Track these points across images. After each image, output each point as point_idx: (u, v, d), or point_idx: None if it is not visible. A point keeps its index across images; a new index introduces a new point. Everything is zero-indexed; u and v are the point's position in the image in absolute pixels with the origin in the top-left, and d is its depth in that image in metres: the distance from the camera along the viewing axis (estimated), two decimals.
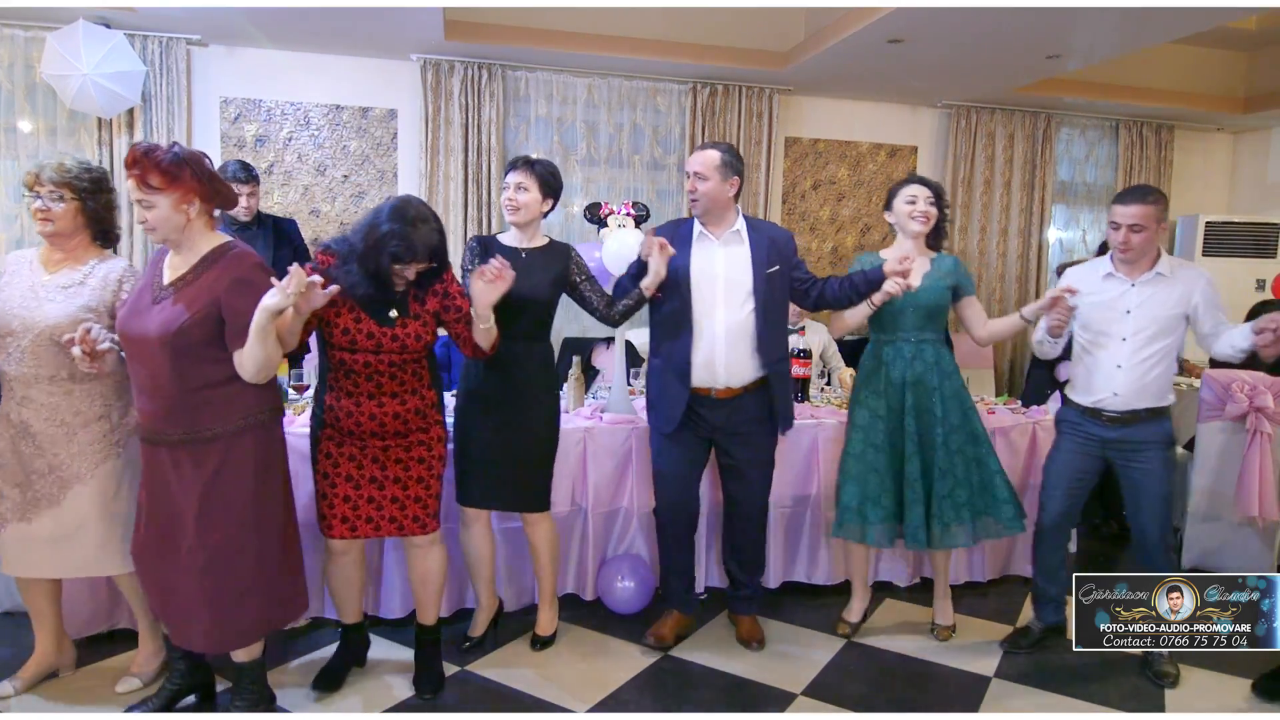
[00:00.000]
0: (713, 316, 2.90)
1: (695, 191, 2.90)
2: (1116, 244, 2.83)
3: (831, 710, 2.75)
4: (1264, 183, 6.83)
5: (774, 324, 2.95)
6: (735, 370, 2.91)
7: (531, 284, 2.82)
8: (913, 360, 3.04)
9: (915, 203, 3.05)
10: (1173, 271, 2.86)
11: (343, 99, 5.44)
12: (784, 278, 2.96)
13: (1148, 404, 2.88)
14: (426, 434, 2.67)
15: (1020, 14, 4.11)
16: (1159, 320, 2.84)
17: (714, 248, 2.94)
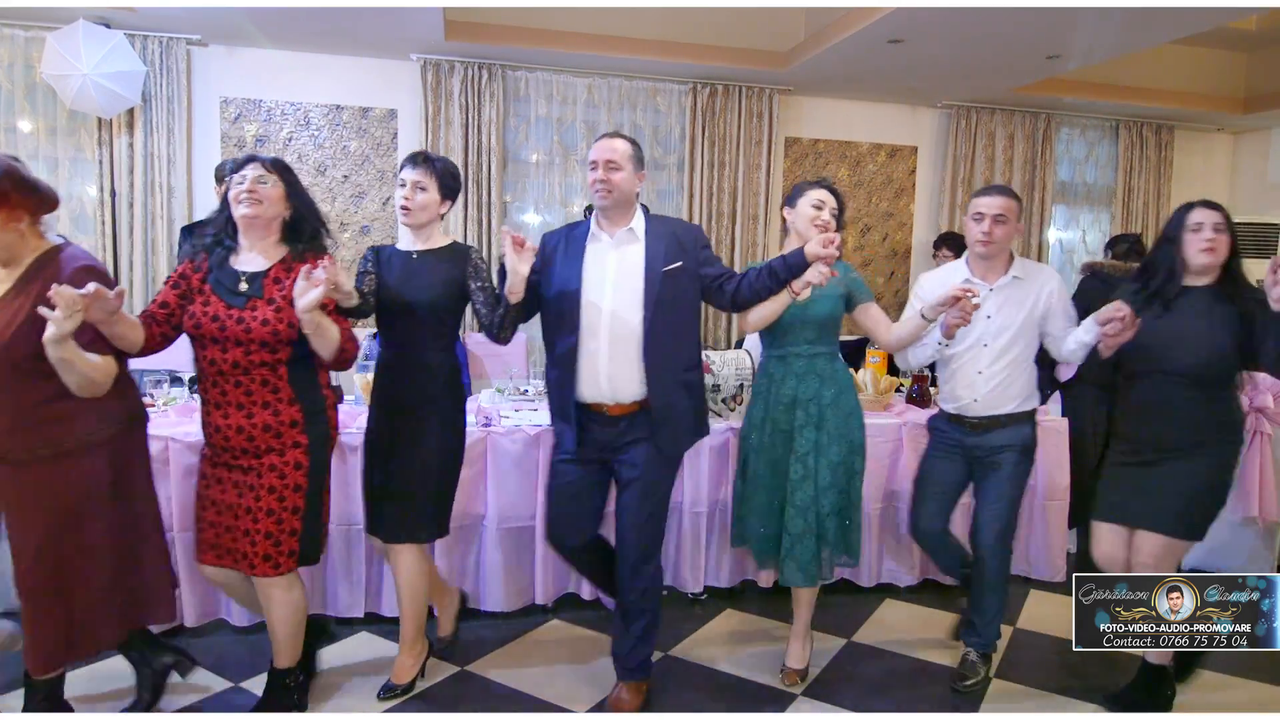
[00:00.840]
0: (597, 325, 2.56)
1: (608, 182, 2.57)
2: (979, 236, 2.76)
3: (831, 710, 2.75)
4: (1264, 183, 6.83)
5: (670, 330, 2.59)
6: (623, 384, 2.56)
7: (418, 288, 2.58)
8: (805, 376, 2.80)
9: (821, 209, 2.80)
10: (1026, 274, 2.82)
11: (343, 99, 5.44)
12: (690, 276, 2.62)
13: (1009, 409, 2.82)
14: (281, 457, 2.36)
15: (1020, 14, 4.11)
16: (1016, 324, 2.79)
17: (606, 249, 2.62)
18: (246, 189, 2.33)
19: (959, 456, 2.92)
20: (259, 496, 2.35)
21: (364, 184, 5.54)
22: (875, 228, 6.42)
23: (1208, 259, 2.55)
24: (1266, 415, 3.73)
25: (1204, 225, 2.54)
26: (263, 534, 2.35)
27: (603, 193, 2.58)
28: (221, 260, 2.39)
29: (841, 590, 3.62)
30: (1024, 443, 2.86)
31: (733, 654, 3.09)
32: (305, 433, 2.39)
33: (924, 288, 2.95)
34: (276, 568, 2.37)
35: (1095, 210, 6.82)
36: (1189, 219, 2.58)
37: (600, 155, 2.59)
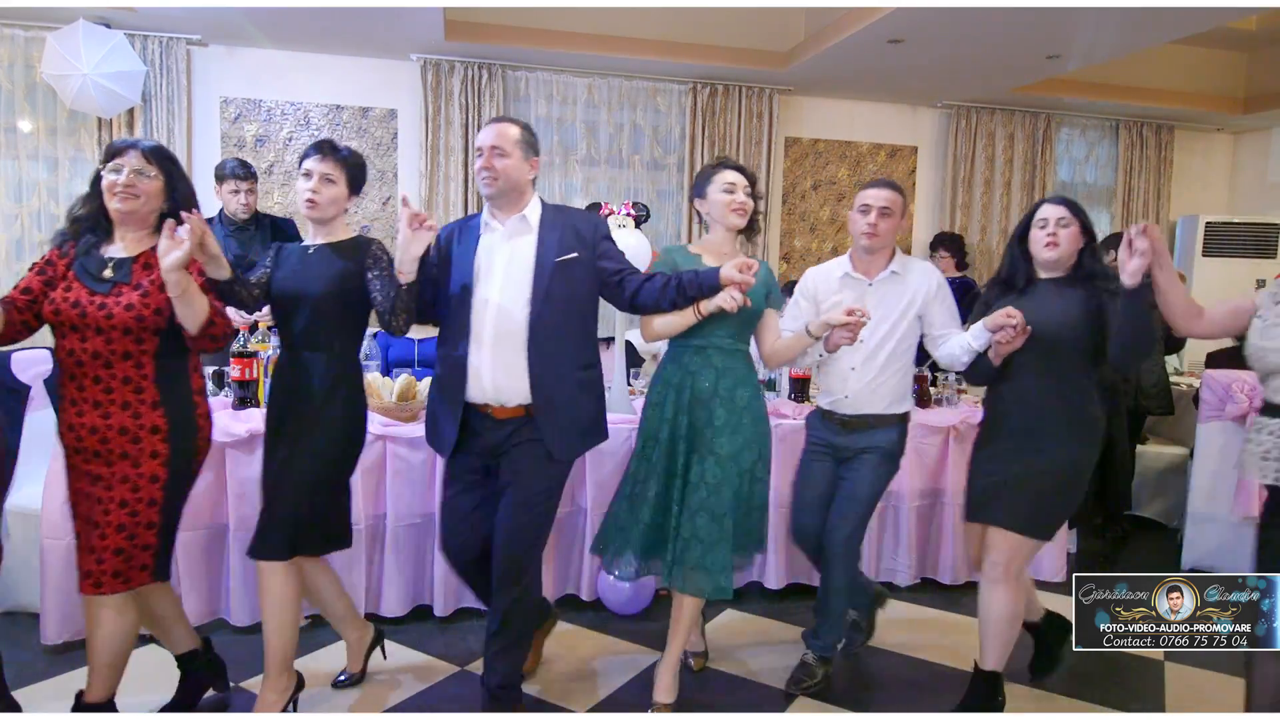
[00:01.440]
0: (484, 319, 2.41)
1: (492, 169, 2.40)
2: (864, 228, 2.71)
3: (831, 710, 2.75)
4: (1264, 183, 6.83)
5: (559, 325, 2.43)
6: (507, 385, 2.41)
7: (306, 281, 2.40)
8: (724, 372, 2.62)
9: (734, 191, 2.66)
10: (905, 270, 2.77)
11: (343, 99, 5.44)
12: (586, 268, 2.47)
13: (877, 409, 2.75)
14: (136, 468, 2.15)
15: (1020, 14, 4.11)
16: (893, 321, 2.74)
17: (497, 239, 2.48)
18: (124, 183, 2.17)
19: (829, 456, 2.83)
20: (108, 510, 2.13)
21: None
22: None
23: (1051, 253, 2.52)
24: None
25: (1048, 220, 2.52)
26: (112, 550, 2.13)
27: (488, 180, 2.43)
28: (89, 247, 2.22)
29: None
30: (888, 446, 2.78)
31: (733, 654, 3.09)
32: (166, 441, 2.18)
33: (809, 283, 2.87)
34: (127, 583, 2.17)
35: (1095, 210, 6.81)
36: (1035, 215, 2.58)
37: (486, 141, 2.42)
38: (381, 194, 5.57)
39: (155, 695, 2.64)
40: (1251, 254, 6.42)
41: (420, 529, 3.19)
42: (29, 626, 2.94)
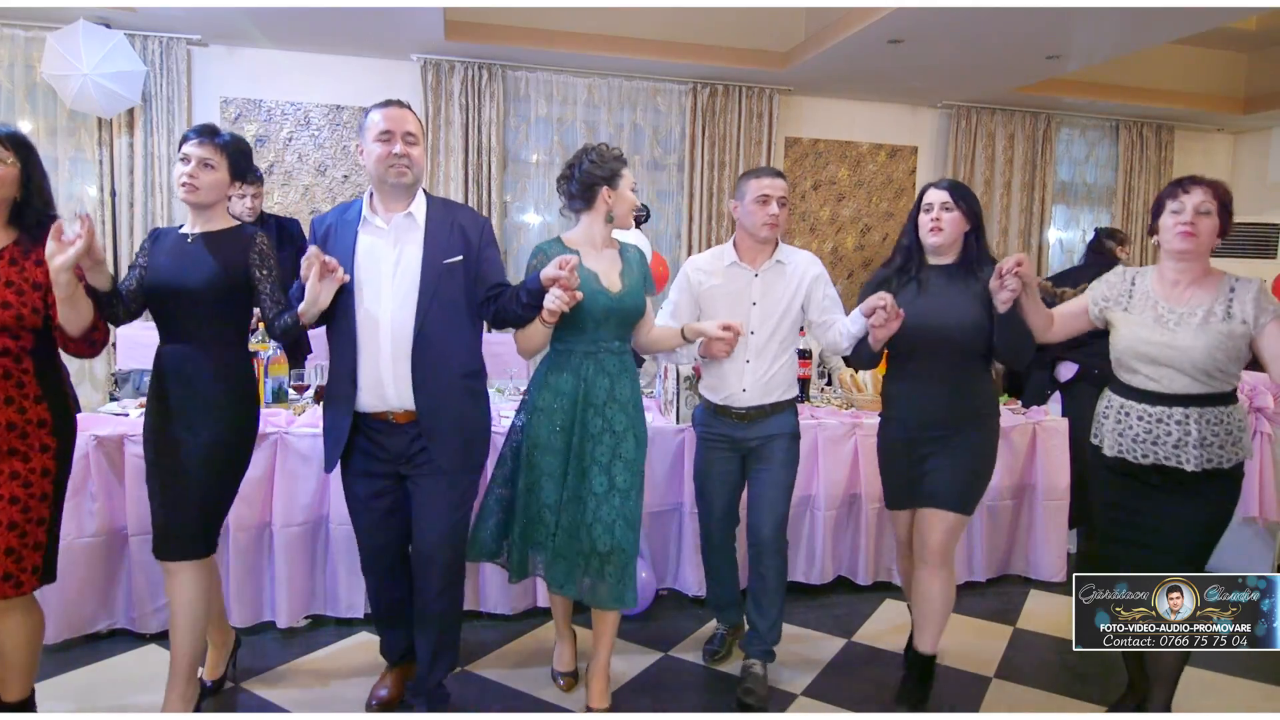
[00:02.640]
0: (376, 321, 2.33)
1: (407, 158, 2.30)
2: (763, 220, 2.69)
3: (831, 710, 2.75)
4: (1264, 183, 6.83)
5: (445, 329, 2.35)
6: (405, 389, 2.34)
7: (186, 272, 2.29)
8: (619, 376, 2.55)
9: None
10: (789, 259, 2.78)
11: (343, 99, 5.44)
12: (470, 273, 2.39)
13: (775, 398, 2.76)
14: (26, 462, 2.10)
15: (1020, 14, 4.11)
16: (779, 310, 2.74)
17: (382, 239, 2.36)
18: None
19: (731, 450, 2.81)
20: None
21: (364, 184, 5.52)
22: (875, 228, 6.42)
23: (936, 238, 2.59)
24: (1266, 415, 3.73)
25: (933, 205, 2.59)
26: (2, 550, 2.05)
27: (403, 169, 2.31)
28: None
29: (841, 590, 3.62)
30: (792, 430, 2.80)
31: (732, 654, 3.09)
32: (54, 434, 2.16)
33: (690, 275, 2.82)
34: (18, 586, 2.09)
35: (1095, 210, 6.82)
36: (922, 200, 2.64)
37: (398, 126, 2.30)
38: None
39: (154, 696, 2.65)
40: (1251, 254, 6.42)
41: None
42: None
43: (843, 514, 3.61)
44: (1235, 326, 2.27)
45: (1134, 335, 2.35)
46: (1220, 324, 2.27)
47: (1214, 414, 2.31)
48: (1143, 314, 2.36)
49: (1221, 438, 2.32)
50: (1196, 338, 2.27)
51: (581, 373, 2.52)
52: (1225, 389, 2.33)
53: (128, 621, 3.00)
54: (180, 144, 2.36)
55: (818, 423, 3.54)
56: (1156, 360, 2.32)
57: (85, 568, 2.91)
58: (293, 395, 3.35)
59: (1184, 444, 2.31)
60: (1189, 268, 2.34)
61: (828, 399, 3.91)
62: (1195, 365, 2.28)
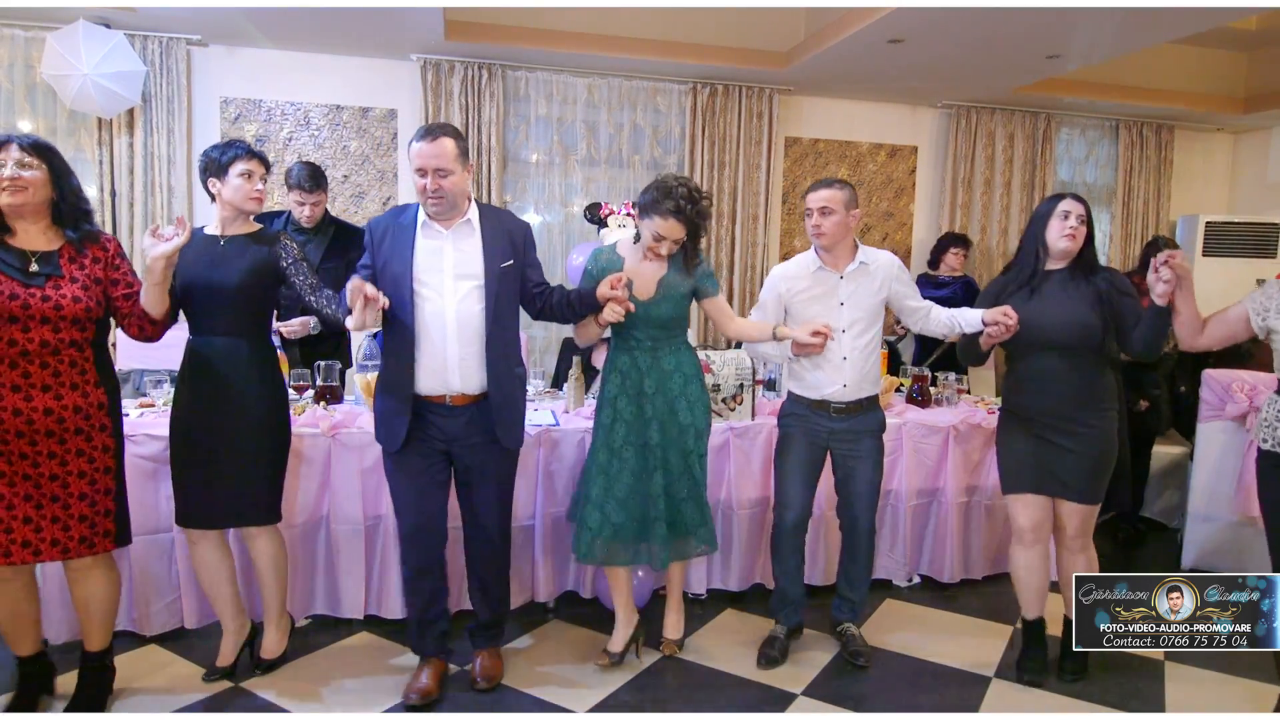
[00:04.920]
0: (442, 315, 2.58)
1: (440, 190, 2.51)
2: (810, 229, 2.90)
3: (831, 710, 2.75)
4: (1264, 183, 6.83)
5: (505, 325, 2.66)
6: (469, 375, 2.61)
7: (223, 273, 2.59)
8: (649, 370, 2.83)
9: (661, 244, 2.79)
10: (871, 259, 2.96)
11: (343, 99, 5.44)
12: (518, 274, 2.68)
13: (868, 392, 2.97)
14: (89, 441, 2.38)
15: (1020, 14, 4.11)
16: (867, 308, 2.94)
17: (443, 243, 2.60)
18: (8, 176, 2.28)
19: (817, 445, 2.99)
20: (65, 483, 2.35)
21: (364, 184, 5.53)
22: (875, 227, 6.42)
23: (1071, 244, 2.76)
24: None
25: (1070, 214, 2.76)
26: (77, 517, 2.37)
27: (435, 203, 2.55)
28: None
29: None
30: (881, 424, 3.04)
31: (733, 654, 3.09)
32: (110, 415, 2.44)
33: (777, 283, 3.02)
34: (92, 547, 2.41)
35: (1095, 210, 6.78)
36: (1056, 206, 2.79)
37: (430, 163, 2.50)
38: (382, 194, 5.56)
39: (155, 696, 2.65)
40: (1251, 254, 6.42)
41: None
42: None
43: None
44: None
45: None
46: None
47: None
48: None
49: None
50: None
51: (623, 368, 2.85)
52: None
53: (129, 622, 3.00)
54: (232, 159, 2.62)
55: None
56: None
57: None
58: (293, 395, 3.35)
59: None
60: None
61: None
62: None
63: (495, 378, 2.62)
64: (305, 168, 3.78)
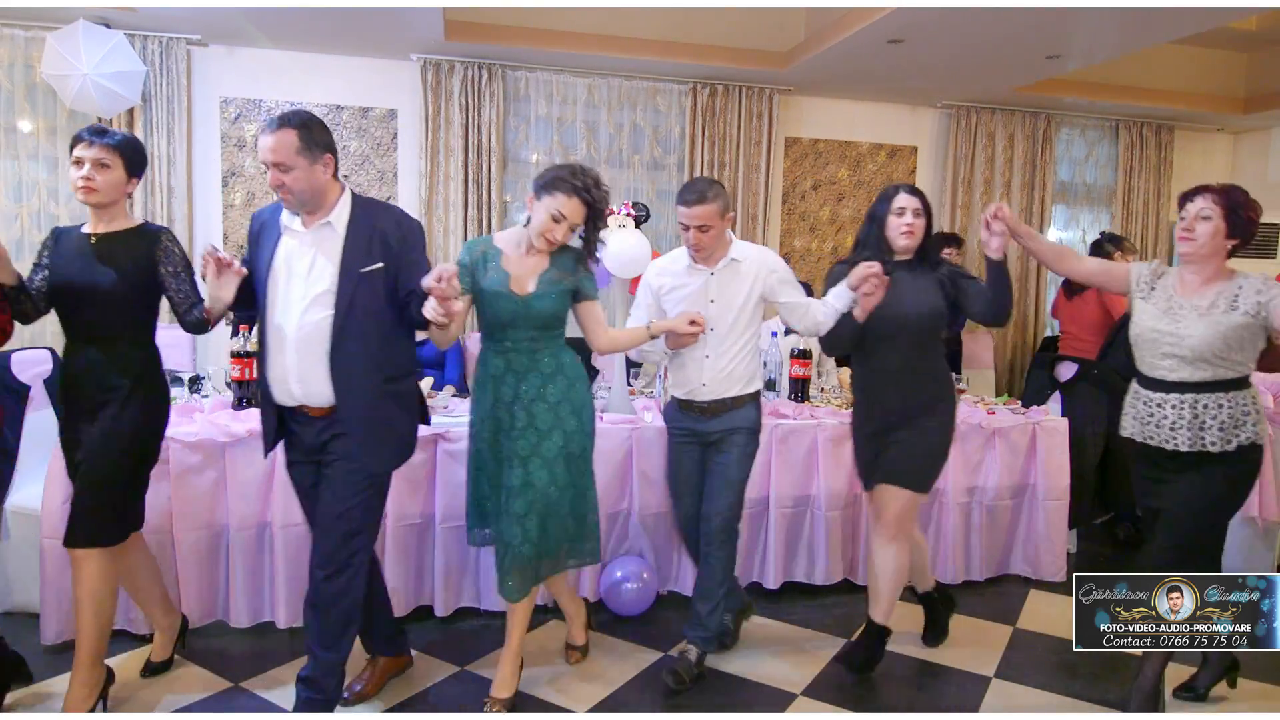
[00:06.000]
0: (284, 322, 2.36)
1: (282, 185, 2.29)
2: (690, 244, 2.79)
3: (831, 710, 2.75)
4: (1264, 183, 6.82)
5: (363, 334, 2.35)
6: (312, 387, 2.37)
7: (92, 274, 2.38)
8: (527, 374, 2.60)
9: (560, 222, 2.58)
10: (745, 256, 2.85)
11: (343, 99, 5.44)
12: (390, 278, 2.38)
13: (734, 392, 2.85)
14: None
15: (1020, 14, 4.11)
16: (737, 306, 2.83)
17: (300, 244, 2.39)
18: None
19: (694, 443, 2.91)
20: None
21: (364, 184, 5.53)
22: None
23: (909, 241, 2.79)
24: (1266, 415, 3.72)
25: (906, 210, 2.77)
26: None
27: (284, 199, 2.34)
28: None
29: (841, 590, 3.62)
30: (750, 424, 2.89)
31: (733, 654, 3.09)
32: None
33: (651, 278, 2.94)
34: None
35: (1095, 210, 6.82)
36: (892, 203, 2.81)
37: (266, 157, 2.29)
38: (382, 194, 5.56)
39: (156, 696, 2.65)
40: (1251, 254, 6.41)
41: (419, 529, 3.19)
42: (29, 627, 2.94)
43: (844, 514, 3.61)
44: (1237, 318, 2.45)
45: (1144, 324, 2.56)
46: (1221, 315, 2.46)
47: (1211, 399, 2.46)
48: (1156, 305, 2.56)
49: (1222, 421, 2.45)
50: (1194, 326, 2.46)
51: (491, 369, 2.63)
52: (1228, 375, 2.47)
53: (126, 622, 3.00)
54: (71, 147, 2.42)
55: (817, 423, 3.54)
56: (1159, 347, 2.51)
57: None
58: None
59: (1178, 427, 2.48)
60: (1200, 267, 2.55)
61: (828, 399, 3.90)
62: (1194, 351, 2.45)
63: (348, 392, 2.35)
64: None
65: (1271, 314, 2.43)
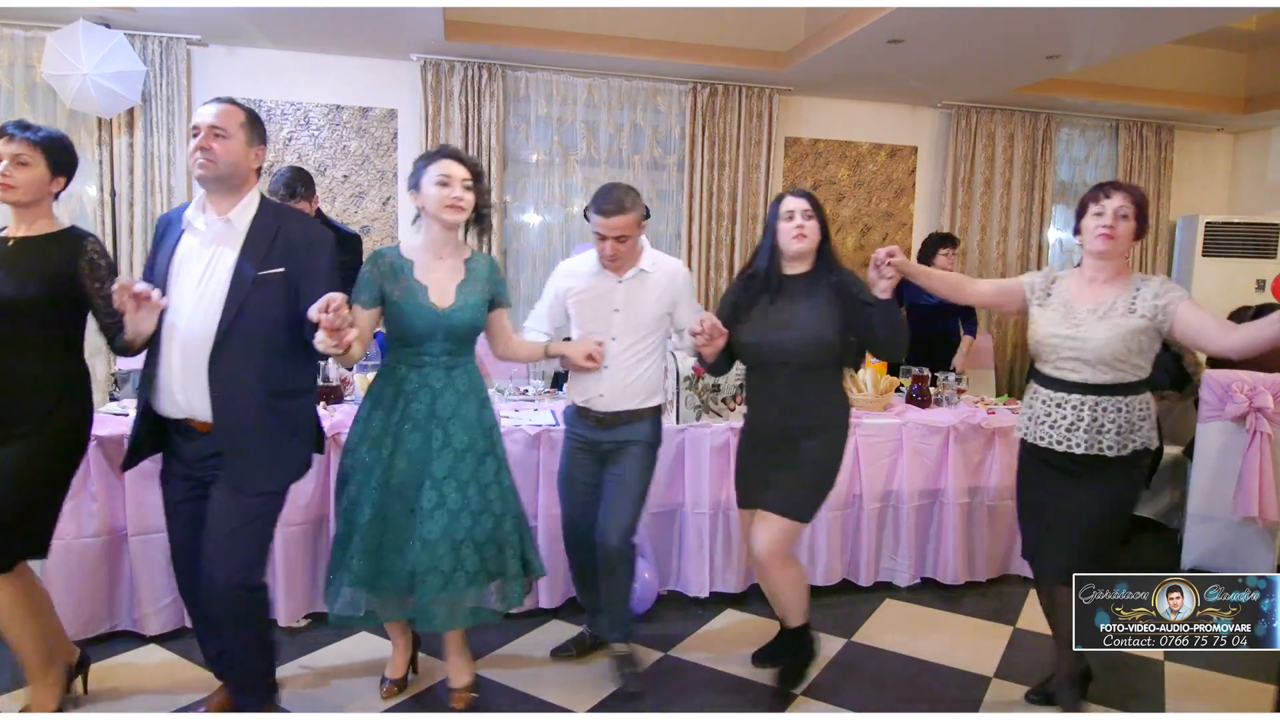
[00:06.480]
0: (173, 325, 2.18)
1: (210, 151, 2.14)
2: (606, 254, 2.70)
3: (831, 710, 2.75)
4: (1264, 183, 6.83)
5: (248, 343, 2.17)
6: (196, 399, 2.18)
7: (8, 281, 2.22)
8: (443, 391, 2.45)
9: (449, 185, 2.44)
10: (655, 266, 2.78)
11: (343, 99, 5.44)
12: (291, 286, 2.21)
13: (633, 405, 2.77)
14: None
15: (1020, 14, 4.11)
16: (642, 318, 2.76)
17: (197, 243, 2.22)
18: None
19: (590, 453, 2.84)
20: None
21: (364, 184, 5.53)
22: (875, 228, 6.42)
23: (800, 244, 2.61)
24: (1266, 415, 3.73)
25: (795, 213, 2.61)
26: None
27: (203, 163, 2.15)
28: None
29: (841, 590, 3.63)
30: (648, 438, 2.81)
31: (733, 654, 3.09)
32: None
33: (559, 283, 2.86)
34: None
35: None
36: (780, 207, 2.65)
37: (205, 120, 2.16)
38: (381, 194, 5.56)
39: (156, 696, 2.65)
40: (1251, 254, 6.42)
41: None
42: None
43: (843, 515, 3.61)
44: (1136, 321, 2.43)
45: (1045, 330, 2.53)
46: (1120, 318, 2.43)
47: (1110, 403, 2.45)
48: (1055, 310, 2.54)
49: (1120, 425, 2.44)
50: (1095, 329, 2.44)
51: (405, 386, 2.46)
52: (1127, 379, 2.46)
53: (130, 622, 3.01)
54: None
55: None
56: (1060, 351, 2.49)
57: (86, 568, 2.91)
58: None
59: (1075, 429, 2.47)
60: (1106, 266, 2.52)
61: None
62: (1095, 354, 2.44)
63: (224, 404, 2.17)
64: (283, 177, 3.69)
65: (1170, 318, 2.41)
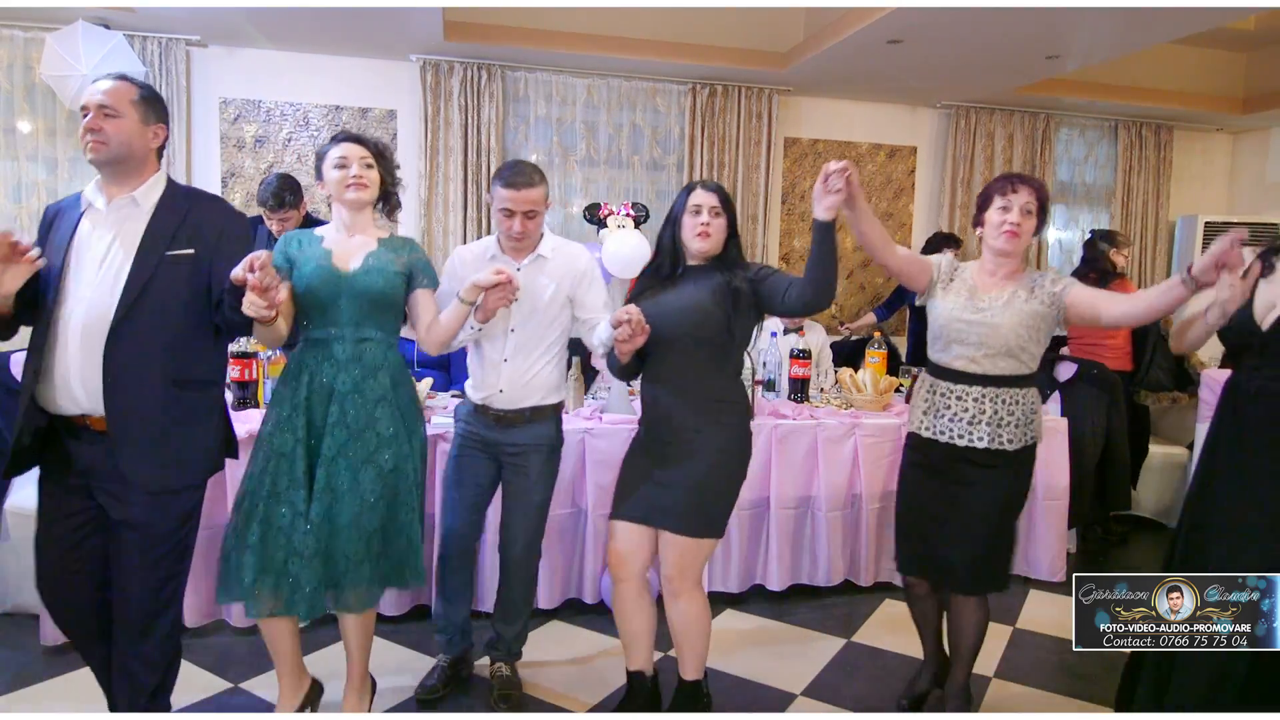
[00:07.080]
0: (69, 309, 2.02)
1: (100, 132, 2.02)
2: (514, 232, 2.52)
3: (831, 710, 2.76)
4: (1264, 183, 6.83)
5: (151, 326, 2.02)
6: (94, 389, 2.01)
7: None
8: (347, 364, 2.30)
9: (347, 165, 2.34)
10: (554, 252, 2.61)
11: (342, 99, 5.44)
12: (199, 270, 2.08)
13: (534, 402, 2.60)
14: None
15: (1020, 14, 4.11)
16: (540, 307, 2.57)
17: (99, 221, 2.08)
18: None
19: (486, 454, 2.66)
20: None
21: None
22: None
23: (704, 244, 2.39)
24: None
25: (702, 208, 2.40)
26: None
27: (93, 145, 2.04)
28: None
29: (841, 590, 3.63)
30: (550, 442, 2.65)
31: (733, 654, 3.09)
32: None
33: (455, 264, 2.66)
34: None
35: (1094, 210, 6.82)
36: (688, 200, 2.43)
37: (94, 99, 2.06)
38: None
39: None
40: None
41: None
42: (29, 627, 2.94)
43: (844, 515, 3.61)
44: (1038, 307, 2.42)
45: (950, 315, 2.47)
46: (1023, 304, 2.42)
47: (1009, 395, 2.44)
48: (959, 295, 2.49)
49: (1018, 418, 2.44)
50: (1002, 315, 2.41)
51: (305, 359, 2.32)
52: (1023, 371, 2.46)
53: None
54: None
55: (817, 423, 3.55)
56: (967, 336, 2.45)
57: None
58: None
59: (978, 421, 2.44)
60: (1008, 261, 2.49)
61: (828, 399, 3.91)
62: (1003, 342, 2.41)
63: (120, 393, 2.00)
64: (270, 186, 3.69)
65: (1064, 302, 2.42)
